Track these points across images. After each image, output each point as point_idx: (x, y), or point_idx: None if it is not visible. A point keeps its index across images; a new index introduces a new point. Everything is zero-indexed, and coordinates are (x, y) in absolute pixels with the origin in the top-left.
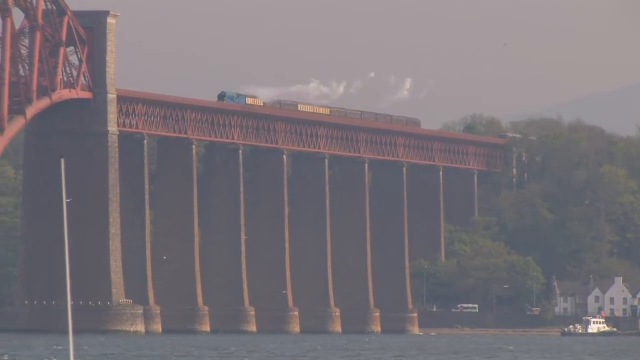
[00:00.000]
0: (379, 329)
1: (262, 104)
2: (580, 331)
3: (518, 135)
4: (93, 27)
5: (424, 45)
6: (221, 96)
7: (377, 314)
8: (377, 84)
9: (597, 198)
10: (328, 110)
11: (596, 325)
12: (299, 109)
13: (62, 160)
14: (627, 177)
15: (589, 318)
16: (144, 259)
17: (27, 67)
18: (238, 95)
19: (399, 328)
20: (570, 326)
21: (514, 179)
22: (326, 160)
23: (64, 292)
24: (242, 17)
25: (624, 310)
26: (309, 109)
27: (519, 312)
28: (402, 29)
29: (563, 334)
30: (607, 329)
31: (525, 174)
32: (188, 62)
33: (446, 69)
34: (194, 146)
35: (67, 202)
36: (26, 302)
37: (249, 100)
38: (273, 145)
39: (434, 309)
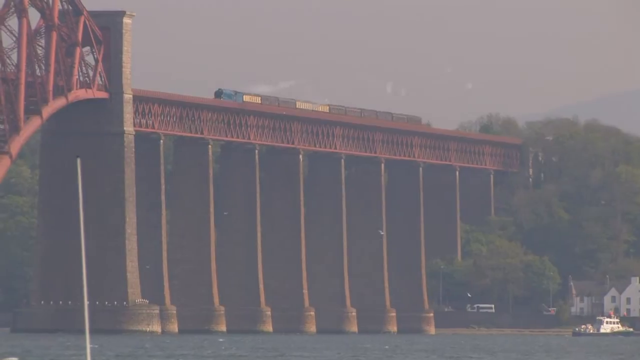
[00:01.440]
0: (395, 329)
1: (259, 102)
2: (591, 331)
3: (535, 135)
4: (109, 27)
5: (442, 47)
6: (218, 93)
7: (394, 314)
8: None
9: (613, 198)
10: (327, 107)
11: (609, 326)
12: (297, 106)
13: (79, 160)
14: None
15: (602, 318)
16: (160, 259)
17: (43, 67)
18: (235, 92)
19: (415, 328)
20: (583, 326)
21: (530, 179)
22: (342, 160)
23: (81, 292)
24: (254, 20)
25: None
26: (307, 106)
27: (535, 312)
28: (414, 29)
29: (574, 334)
30: (621, 329)
31: (542, 174)
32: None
33: (464, 70)
34: (210, 146)
35: (82, 196)
36: (43, 302)
37: (246, 98)
38: (289, 145)
39: (450, 309)
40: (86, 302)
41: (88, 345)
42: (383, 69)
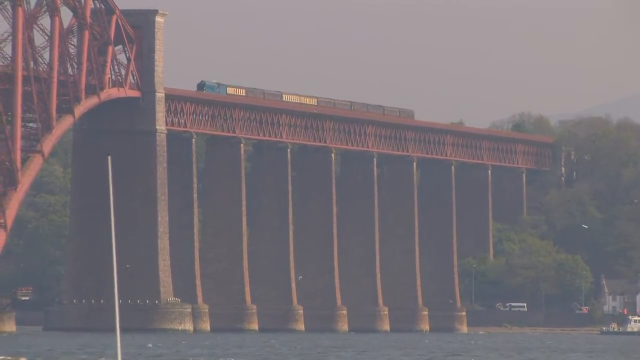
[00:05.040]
0: (427, 327)
1: (243, 94)
2: (615, 329)
3: (567, 134)
4: (141, 26)
5: (473, 45)
6: (201, 86)
7: (426, 312)
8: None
9: None
10: (315, 100)
11: (638, 324)
12: (283, 99)
13: (109, 158)
14: None
15: (630, 317)
16: (192, 258)
17: (75, 66)
18: (219, 84)
19: (447, 327)
20: (612, 325)
21: (563, 178)
22: (375, 159)
23: (113, 291)
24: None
25: None
26: (294, 99)
27: (567, 311)
28: (442, 28)
29: (602, 332)
30: None
31: (574, 173)
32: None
33: (494, 68)
34: (242, 145)
35: (112, 194)
36: (75, 300)
37: (230, 90)
38: (321, 144)
39: (483, 308)
40: (117, 301)
41: (119, 344)
42: (408, 67)
